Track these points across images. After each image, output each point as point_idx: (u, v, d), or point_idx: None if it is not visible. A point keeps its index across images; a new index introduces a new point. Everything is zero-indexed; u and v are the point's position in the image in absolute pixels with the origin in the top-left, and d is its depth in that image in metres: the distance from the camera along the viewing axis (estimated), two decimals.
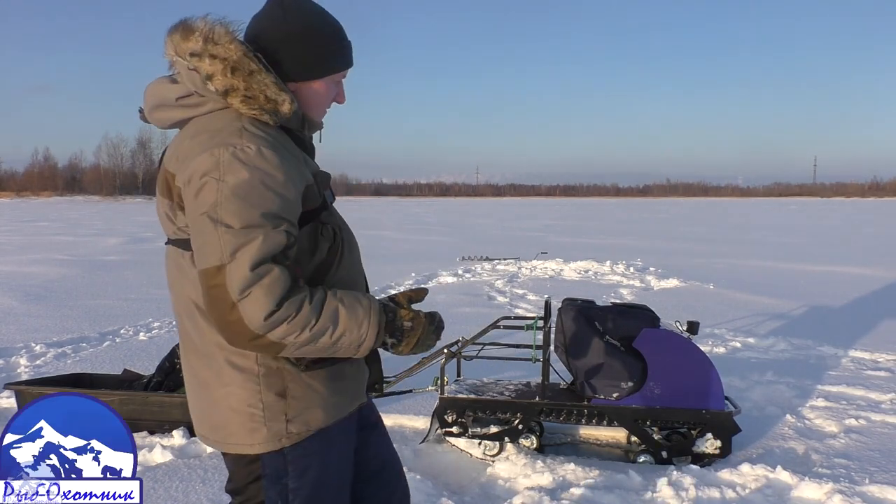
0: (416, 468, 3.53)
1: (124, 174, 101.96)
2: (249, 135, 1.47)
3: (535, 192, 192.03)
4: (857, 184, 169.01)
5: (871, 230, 27.93)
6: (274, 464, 1.63)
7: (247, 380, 1.56)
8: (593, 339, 3.88)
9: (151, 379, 4.28)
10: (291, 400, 1.57)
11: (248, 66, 1.49)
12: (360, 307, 1.49)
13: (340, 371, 1.63)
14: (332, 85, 1.67)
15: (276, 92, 1.51)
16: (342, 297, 1.48)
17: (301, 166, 1.54)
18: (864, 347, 6.42)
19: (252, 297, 1.38)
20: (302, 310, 1.41)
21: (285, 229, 1.44)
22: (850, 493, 3.20)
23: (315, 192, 1.56)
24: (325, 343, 1.45)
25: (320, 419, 1.62)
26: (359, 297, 1.50)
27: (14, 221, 31.39)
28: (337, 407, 1.65)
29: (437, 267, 12.75)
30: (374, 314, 1.49)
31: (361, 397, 1.75)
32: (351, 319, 1.46)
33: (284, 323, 1.40)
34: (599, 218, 41.67)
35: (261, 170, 1.43)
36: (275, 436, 1.58)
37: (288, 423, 1.58)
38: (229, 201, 1.41)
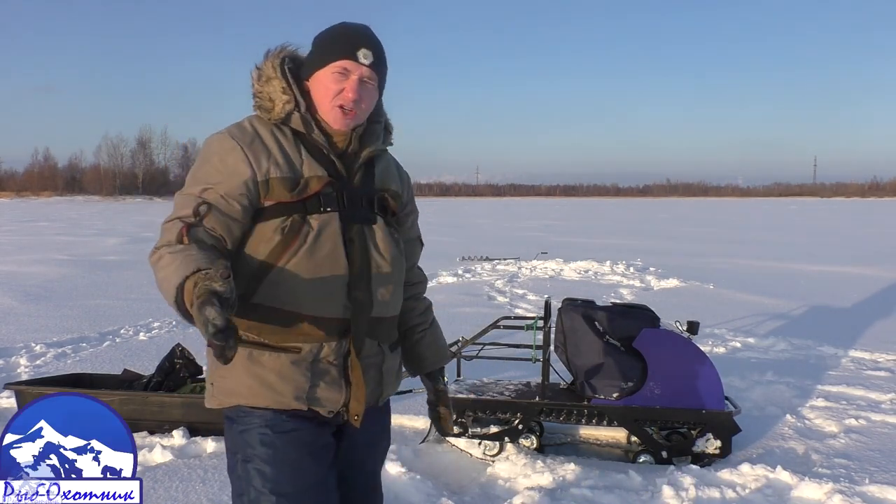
0: (416, 468, 3.53)
1: (124, 174, 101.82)
2: (235, 125, 1.73)
3: (535, 192, 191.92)
4: (857, 184, 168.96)
5: (870, 230, 27.93)
6: (229, 433, 1.74)
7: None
8: (593, 339, 3.88)
9: (151, 379, 4.28)
10: (212, 366, 1.74)
11: (268, 73, 1.75)
12: (183, 266, 1.46)
13: (259, 356, 1.66)
14: (331, 79, 1.71)
15: (278, 94, 1.72)
16: (190, 253, 1.51)
17: (268, 160, 1.66)
18: (864, 347, 6.42)
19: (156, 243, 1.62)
20: (165, 255, 1.54)
21: (203, 197, 1.63)
22: (850, 493, 3.20)
23: (283, 187, 1.65)
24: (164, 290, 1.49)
25: (234, 393, 1.69)
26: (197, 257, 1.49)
27: (14, 221, 31.39)
28: (252, 391, 1.67)
29: (437, 267, 12.74)
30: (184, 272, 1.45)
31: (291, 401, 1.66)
32: (175, 271, 1.47)
33: (155, 265, 1.56)
34: (599, 218, 41.67)
35: (215, 151, 1.68)
36: (209, 393, 1.76)
37: (213, 386, 1.74)
38: (193, 173, 1.71)
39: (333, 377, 1.70)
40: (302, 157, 1.70)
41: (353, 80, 1.71)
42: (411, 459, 3.66)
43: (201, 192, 1.64)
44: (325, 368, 1.69)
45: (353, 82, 1.70)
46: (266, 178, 1.65)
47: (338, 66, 1.70)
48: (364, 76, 1.72)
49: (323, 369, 1.69)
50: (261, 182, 1.65)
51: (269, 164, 1.66)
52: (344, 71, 1.70)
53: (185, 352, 4.37)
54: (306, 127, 1.72)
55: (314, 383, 1.68)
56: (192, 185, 1.67)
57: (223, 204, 1.63)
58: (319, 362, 1.69)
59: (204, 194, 1.63)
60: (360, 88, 1.71)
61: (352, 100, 1.70)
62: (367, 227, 1.74)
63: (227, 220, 1.63)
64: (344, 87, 1.70)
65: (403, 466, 3.46)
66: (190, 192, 1.66)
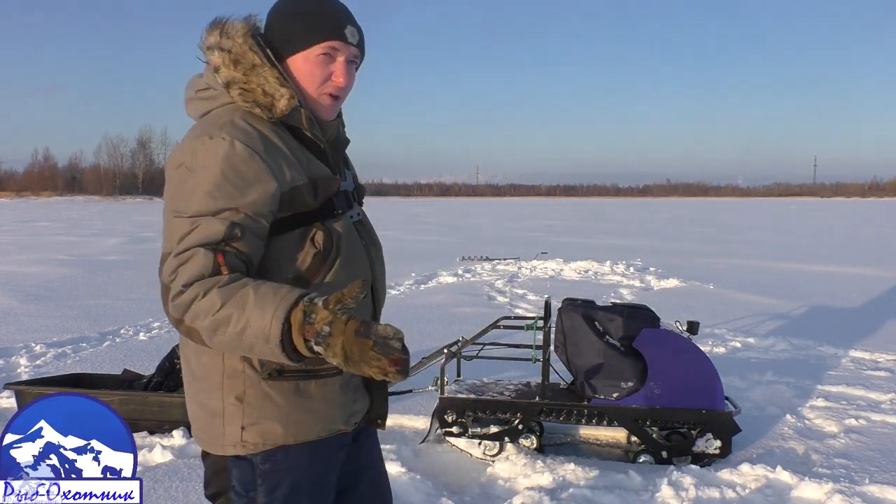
0: (416, 468, 3.53)
1: (124, 174, 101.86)
2: (231, 127, 1.45)
3: (535, 192, 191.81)
4: (857, 184, 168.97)
5: (870, 230, 27.93)
6: (242, 474, 1.62)
7: (213, 378, 1.53)
8: (593, 339, 3.88)
9: (151, 379, 4.28)
10: (248, 407, 1.51)
11: (251, 59, 1.49)
12: (273, 298, 1.30)
13: (305, 387, 1.51)
14: (316, 63, 1.53)
15: (275, 87, 1.49)
16: (259, 286, 1.33)
17: (288, 166, 1.48)
18: (864, 347, 6.42)
19: (174, 281, 1.38)
20: (210, 293, 1.33)
21: (230, 219, 1.39)
22: (850, 493, 3.20)
23: (307, 194, 1.49)
24: (233, 332, 1.32)
25: (278, 434, 1.51)
26: (279, 288, 1.33)
27: (14, 221, 31.38)
28: (300, 426, 1.52)
29: (437, 267, 12.74)
30: (284, 305, 1.29)
31: (340, 424, 1.59)
32: (257, 308, 1.29)
33: (192, 305, 1.35)
34: (599, 218, 41.67)
35: (227, 162, 1.41)
36: (231, 441, 1.54)
37: (243, 431, 1.52)
38: (190, 190, 1.42)
39: (362, 388, 1.65)
40: (307, 157, 1.54)
41: (340, 62, 1.54)
42: (411, 459, 3.66)
43: (218, 214, 1.40)
44: (357, 381, 1.61)
45: (341, 65, 1.54)
46: (291, 187, 1.46)
47: (324, 46, 1.51)
48: (351, 56, 1.56)
49: (356, 382, 1.61)
50: (285, 192, 1.45)
51: (291, 170, 1.47)
52: (331, 51, 1.53)
53: None
54: (309, 123, 1.53)
55: (354, 399, 1.61)
56: (199, 206, 1.40)
57: (253, 226, 1.42)
58: (355, 376, 1.56)
59: (224, 215, 1.39)
60: (348, 71, 1.56)
61: (342, 86, 1.55)
62: (361, 222, 1.67)
63: (256, 242, 1.44)
64: (332, 70, 1.54)
65: (403, 466, 3.45)
66: (199, 213, 1.40)
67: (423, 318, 7.66)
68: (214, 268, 1.37)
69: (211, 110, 1.54)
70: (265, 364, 1.48)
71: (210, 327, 1.34)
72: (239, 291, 1.33)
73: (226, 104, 1.52)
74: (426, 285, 10.69)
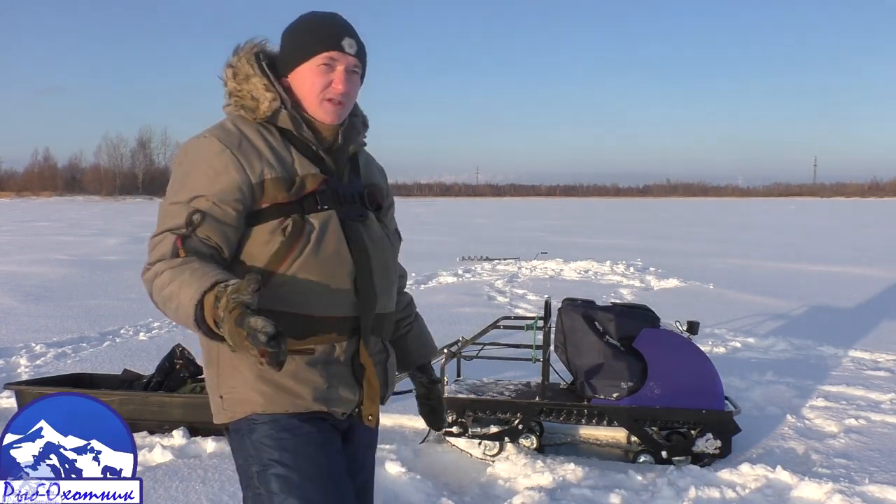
0: (416, 468, 3.53)
1: (124, 174, 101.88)
2: (217, 128, 1.65)
3: (535, 192, 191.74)
4: (857, 184, 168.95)
5: (871, 230, 27.93)
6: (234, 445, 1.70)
7: (205, 354, 1.71)
8: (593, 339, 3.88)
9: (151, 379, 4.28)
10: (222, 377, 1.67)
11: (245, 70, 1.68)
12: (200, 280, 1.41)
13: None
14: (316, 72, 1.67)
15: (261, 92, 1.66)
16: (196, 269, 1.46)
17: (260, 161, 1.61)
18: (864, 347, 6.42)
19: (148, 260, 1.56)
20: (165, 272, 1.49)
21: (196, 206, 1.56)
22: (850, 493, 3.20)
23: (280, 187, 1.61)
24: (173, 308, 1.47)
25: (248, 402, 1.63)
26: (207, 272, 1.44)
27: (14, 221, 31.39)
28: (266, 397, 1.61)
29: (437, 267, 12.74)
30: (201, 289, 1.40)
31: (311, 403, 1.64)
32: (185, 288, 1.42)
33: (154, 281, 1.51)
34: (599, 218, 41.67)
35: (201, 156, 1.61)
36: (217, 408, 1.69)
37: (222, 400, 1.67)
38: (177, 181, 1.62)
39: (346, 378, 1.68)
40: (293, 156, 1.66)
41: (339, 70, 1.67)
42: (411, 459, 3.66)
43: (190, 201, 1.57)
44: (338, 369, 1.67)
45: (340, 73, 1.67)
46: (261, 180, 1.60)
47: (323, 57, 1.66)
48: (350, 66, 1.69)
49: (337, 370, 1.67)
50: (255, 184, 1.59)
51: (262, 165, 1.61)
52: (330, 62, 1.66)
53: (185, 352, 4.37)
54: (294, 124, 1.66)
55: (330, 384, 1.66)
56: (177, 195, 1.59)
57: (217, 211, 1.56)
58: (333, 363, 1.66)
59: (194, 203, 1.56)
60: (348, 79, 1.68)
61: (341, 92, 1.67)
62: (361, 222, 1.73)
63: (222, 228, 1.57)
64: (331, 79, 1.67)
65: (403, 466, 3.45)
66: (176, 201, 1.58)
67: (424, 318, 7.64)
68: (174, 250, 1.53)
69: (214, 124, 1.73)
70: None
71: (161, 302, 1.50)
72: (183, 273, 1.47)
73: (227, 113, 1.72)
74: (426, 285, 10.69)
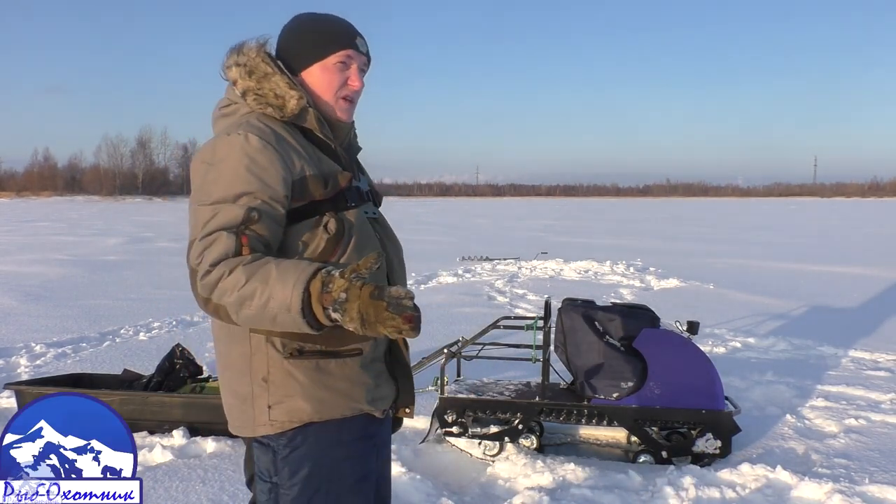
0: (416, 468, 3.53)
1: (124, 174, 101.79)
2: (247, 125, 1.60)
3: (535, 192, 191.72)
4: (857, 184, 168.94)
5: (871, 230, 27.93)
6: (265, 459, 1.66)
7: (241, 363, 1.63)
8: (593, 339, 3.88)
9: (151, 379, 4.28)
10: (272, 386, 1.60)
11: (263, 69, 1.66)
12: (294, 271, 1.41)
13: (325, 366, 1.60)
14: (333, 70, 1.69)
15: (285, 90, 1.64)
16: (280, 262, 1.45)
17: (298, 158, 1.61)
18: (864, 347, 6.42)
19: (201, 264, 1.49)
20: (235, 270, 1.44)
21: (248, 204, 1.52)
22: (850, 493, 3.20)
23: (318, 184, 1.60)
24: (258, 305, 1.42)
25: (304, 411, 1.59)
26: (299, 263, 1.45)
27: (14, 221, 31.38)
28: (324, 403, 1.60)
29: (437, 267, 12.75)
30: (304, 276, 1.40)
31: (364, 404, 1.66)
32: (279, 281, 1.40)
33: (219, 283, 1.45)
34: (599, 218, 41.68)
35: (242, 153, 1.55)
36: (260, 421, 1.62)
37: (270, 410, 1.60)
38: (212, 182, 1.55)
39: (385, 374, 1.73)
40: (318, 155, 1.67)
41: (354, 68, 1.71)
42: (411, 459, 3.66)
43: (238, 199, 1.52)
44: (380, 367, 1.71)
45: (355, 71, 1.71)
46: (301, 177, 1.59)
47: (340, 55, 1.69)
48: (362, 64, 1.74)
49: (379, 368, 1.71)
50: (296, 181, 1.59)
51: (301, 161, 1.61)
52: (347, 60, 1.70)
53: (185, 352, 4.37)
54: (319, 124, 1.67)
55: (377, 383, 1.70)
56: (219, 193, 1.53)
57: (269, 209, 1.54)
58: (376, 361, 1.69)
59: (243, 201, 1.52)
60: (361, 77, 1.73)
61: (358, 89, 1.71)
62: (376, 220, 1.78)
63: (275, 227, 1.55)
64: (348, 76, 1.70)
65: (403, 466, 3.46)
66: (219, 200, 1.53)
67: (424, 318, 7.60)
68: (237, 248, 1.48)
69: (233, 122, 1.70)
70: (286, 345, 1.58)
71: (236, 302, 1.44)
72: (262, 267, 1.43)
73: (244, 113, 1.68)
74: (426, 285, 10.69)
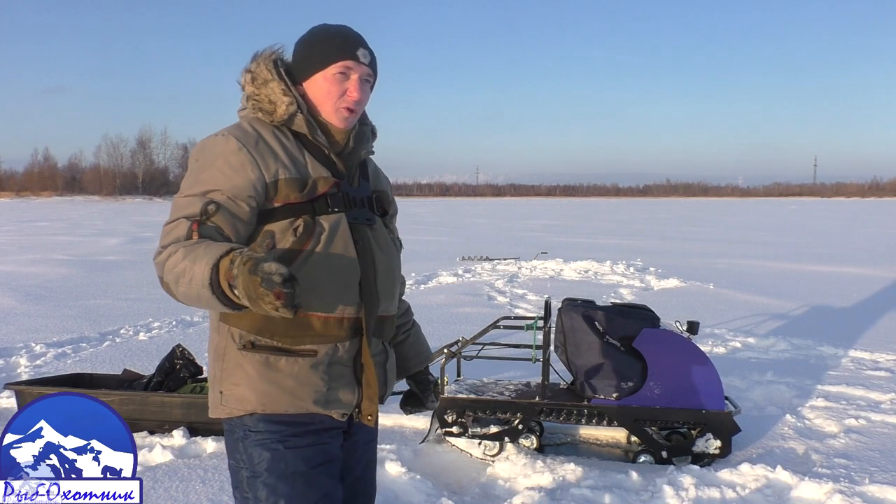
0: (416, 468, 3.53)
1: (124, 174, 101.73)
2: (234, 127, 1.71)
3: (535, 192, 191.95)
4: (857, 184, 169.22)
5: (871, 230, 27.92)
6: (229, 441, 1.73)
7: (212, 349, 1.74)
8: (593, 339, 3.88)
9: (151, 379, 4.28)
10: (226, 373, 1.69)
11: (264, 76, 1.73)
12: (215, 251, 1.47)
13: (275, 362, 1.65)
14: (333, 80, 1.72)
15: (278, 96, 1.71)
16: (211, 244, 1.52)
17: (275, 162, 1.66)
18: (864, 347, 6.42)
19: (159, 244, 1.60)
20: (177, 252, 1.53)
21: (211, 198, 1.61)
22: (850, 493, 3.20)
23: (293, 188, 1.65)
24: (186, 282, 1.49)
25: (248, 401, 1.66)
26: (222, 245, 1.50)
27: (14, 221, 31.39)
28: (268, 397, 1.64)
29: (437, 267, 12.75)
30: (215, 255, 1.45)
31: (310, 405, 1.68)
32: (201, 260, 1.46)
33: (166, 262, 1.55)
34: (599, 218, 41.67)
35: (219, 153, 1.65)
36: (215, 403, 1.72)
37: (222, 395, 1.70)
38: (192, 176, 1.66)
39: (347, 378, 1.73)
40: (306, 159, 1.71)
41: (354, 79, 1.74)
42: (411, 459, 3.66)
43: (205, 194, 1.61)
44: (339, 370, 1.71)
45: (355, 82, 1.74)
46: (275, 179, 1.64)
47: (339, 66, 1.72)
48: (364, 75, 1.76)
49: (338, 371, 1.71)
50: (269, 183, 1.64)
51: (277, 165, 1.65)
52: (346, 71, 1.73)
53: (185, 352, 4.37)
54: (309, 128, 1.72)
55: (331, 386, 1.70)
56: (192, 188, 1.63)
57: (231, 205, 1.61)
58: (335, 365, 1.70)
59: (209, 195, 1.61)
60: (361, 87, 1.75)
61: (357, 100, 1.74)
62: (369, 226, 1.77)
63: (234, 221, 1.62)
64: (347, 87, 1.73)
65: (403, 466, 3.45)
66: (191, 193, 1.63)
67: (424, 318, 7.62)
68: (188, 234, 1.58)
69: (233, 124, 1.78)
70: (242, 336, 1.67)
71: (174, 280, 1.52)
72: (195, 248, 1.52)
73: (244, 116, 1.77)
74: (426, 285, 10.69)
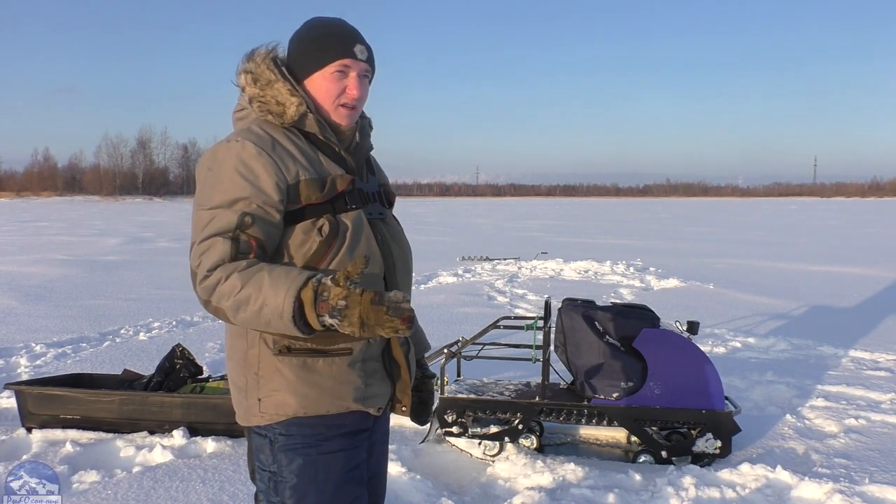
0: (416, 468, 3.53)
1: (124, 174, 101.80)
2: (247, 132, 1.67)
3: (535, 192, 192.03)
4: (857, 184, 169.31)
5: (871, 230, 27.92)
6: (262, 450, 1.72)
7: (240, 357, 1.72)
8: (593, 339, 3.88)
9: (151, 379, 4.28)
10: (262, 380, 1.68)
11: (267, 76, 1.72)
12: (286, 279, 1.49)
13: (313, 364, 1.66)
14: (331, 79, 1.72)
15: (286, 97, 1.70)
16: (272, 269, 1.53)
17: (294, 163, 1.65)
18: (864, 347, 6.42)
19: (200, 267, 1.57)
20: (231, 277, 1.53)
21: (242, 209, 1.59)
22: (850, 493, 3.20)
23: (313, 188, 1.65)
24: (252, 310, 1.51)
25: (290, 405, 1.66)
26: (290, 271, 1.53)
27: (14, 221, 31.38)
28: (309, 399, 1.66)
29: (437, 267, 12.75)
30: (295, 286, 1.48)
31: (350, 402, 1.70)
32: (272, 289, 1.49)
33: (216, 288, 1.54)
34: (599, 218, 41.67)
35: (238, 160, 1.62)
36: (252, 412, 1.70)
37: (260, 402, 1.69)
38: (210, 187, 1.63)
39: (380, 373, 1.76)
40: (319, 158, 1.71)
41: (353, 76, 1.73)
42: (411, 459, 3.66)
43: (233, 205, 1.59)
44: (373, 366, 1.74)
45: (353, 79, 1.73)
46: (296, 181, 1.64)
47: (337, 65, 1.72)
48: (362, 71, 1.75)
49: (372, 367, 1.74)
50: (291, 186, 1.63)
51: (297, 167, 1.65)
52: (344, 69, 1.72)
53: (185, 352, 4.36)
54: (320, 127, 1.71)
55: (368, 382, 1.73)
56: (216, 199, 1.61)
57: (263, 213, 1.60)
58: (368, 361, 1.72)
59: (238, 206, 1.59)
60: (360, 84, 1.75)
61: (356, 97, 1.74)
62: (382, 220, 1.81)
63: (269, 230, 1.61)
64: (346, 85, 1.73)
65: (403, 466, 3.46)
66: (216, 206, 1.60)
67: (424, 318, 7.61)
68: (233, 253, 1.56)
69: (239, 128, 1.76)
70: (277, 342, 1.66)
71: (233, 307, 1.53)
72: (256, 274, 1.52)
73: (251, 119, 1.74)
74: (426, 285, 10.69)
